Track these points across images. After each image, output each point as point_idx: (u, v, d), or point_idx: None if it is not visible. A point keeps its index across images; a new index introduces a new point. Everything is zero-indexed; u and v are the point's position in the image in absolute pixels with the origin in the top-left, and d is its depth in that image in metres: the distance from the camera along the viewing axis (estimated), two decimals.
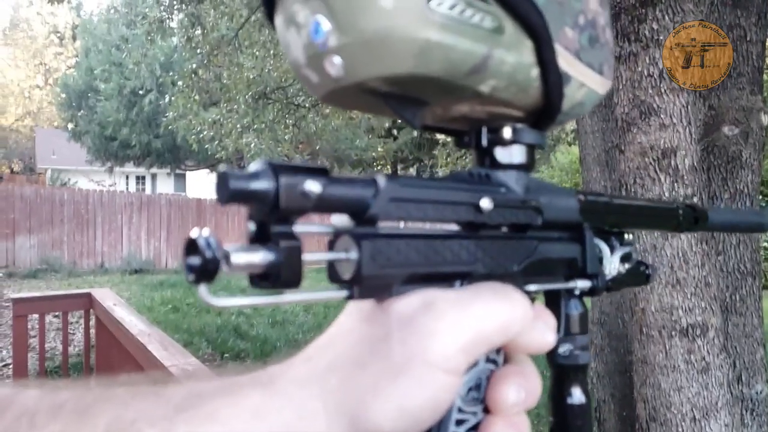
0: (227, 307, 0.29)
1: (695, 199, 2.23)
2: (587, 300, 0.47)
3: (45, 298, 4.32)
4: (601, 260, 0.47)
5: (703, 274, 2.24)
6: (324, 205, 0.31)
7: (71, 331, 5.39)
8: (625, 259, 0.49)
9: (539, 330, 0.38)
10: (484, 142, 0.42)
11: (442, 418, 0.34)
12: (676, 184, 2.20)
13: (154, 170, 23.67)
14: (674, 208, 0.58)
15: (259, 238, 0.30)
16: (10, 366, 4.86)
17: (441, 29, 0.32)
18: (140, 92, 18.59)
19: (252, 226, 0.31)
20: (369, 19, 0.32)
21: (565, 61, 0.38)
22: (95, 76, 19.41)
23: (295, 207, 0.29)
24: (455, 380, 0.33)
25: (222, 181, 0.28)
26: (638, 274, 0.52)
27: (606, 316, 3.56)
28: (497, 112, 0.40)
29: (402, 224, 0.34)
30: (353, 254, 0.31)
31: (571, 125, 8.26)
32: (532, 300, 0.42)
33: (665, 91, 2.18)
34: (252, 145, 9.14)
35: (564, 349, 0.44)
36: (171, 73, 10.59)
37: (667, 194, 2.20)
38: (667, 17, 2.19)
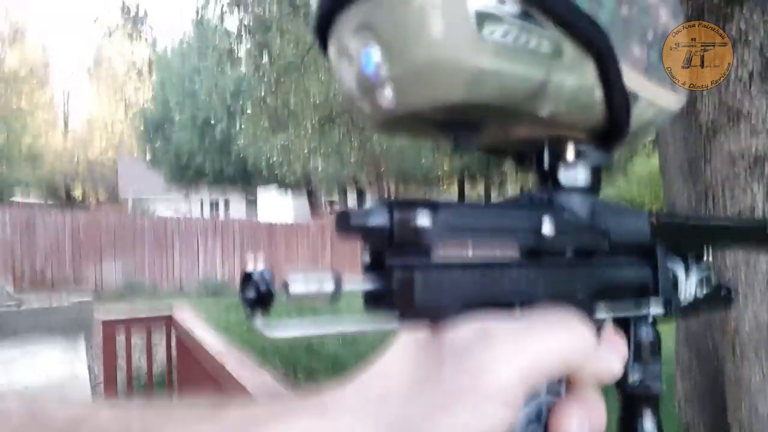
0: (281, 337, 0.30)
1: None
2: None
3: (130, 320, 4.54)
4: (675, 284, 0.45)
5: None
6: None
7: (154, 351, 5.63)
8: (703, 282, 0.47)
9: (604, 360, 0.36)
10: (546, 164, 0.40)
11: None
12: None
13: (227, 195, 24.55)
14: (762, 226, 0.53)
15: (374, 268, 0.32)
16: (101, 384, 5.12)
17: (494, 56, 0.31)
18: (212, 121, 19.42)
19: (366, 258, 0.32)
20: (420, 49, 0.31)
21: (631, 79, 0.36)
22: (170, 107, 20.47)
23: (408, 240, 0.31)
24: (511, 412, 0.31)
25: (343, 219, 0.30)
26: (718, 299, 0.49)
27: (693, 334, 3.37)
28: (558, 134, 0.39)
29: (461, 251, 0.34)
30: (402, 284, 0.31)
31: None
32: (602, 326, 0.40)
33: (756, 94, 2.05)
34: (319, 168, 9.33)
35: (634, 378, 0.42)
36: (240, 101, 11.00)
37: (760, 204, 2.07)
38: (755, 16, 2.06)
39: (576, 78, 0.34)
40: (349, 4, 0.33)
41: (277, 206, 26.60)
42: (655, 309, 0.43)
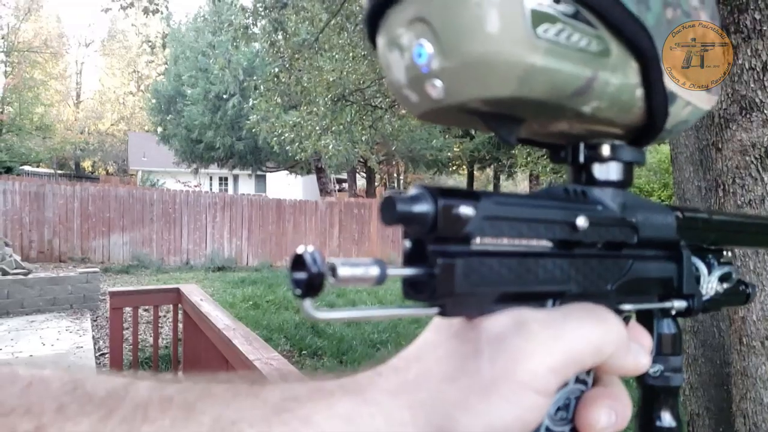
0: (329, 319, 0.31)
1: None
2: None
3: (138, 292, 4.58)
4: (698, 279, 0.46)
5: None
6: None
7: (160, 324, 5.69)
8: (724, 278, 0.47)
9: (633, 352, 0.37)
10: (582, 158, 0.42)
11: None
12: None
13: (236, 171, 24.61)
14: None
15: (415, 255, 0.32)
16: (107, 356, 5.19)
17: (546, 54, 0.32)
18: (224, 97, 19.41)
19: (408, 244, 0.33)
20: (474, 43, 0.32)
21: (671, 80, 0.38)
22: (183, 81, 20.44)
23: (450, 228, 0.31)
24: (545, 400, 0.33)
25: (388, 205, 0.31)
26: (737, 294, 0.50)
27: (700, 324, 3.37)
28: (597, 129, 0.40)
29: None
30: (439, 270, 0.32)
31: None
32: (627, 319, 0.41)
33: None
34: (330, 146, 9.32)
35: (655, 369, 0.43)
36: (254, 78, 10.97)
37: None
38: None
39: (620, 77, 0.36)
40: None
41: (286, 183, 26.63)
42: (679, 304, 0.44)
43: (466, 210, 0.31)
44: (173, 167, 24.68)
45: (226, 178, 30.25)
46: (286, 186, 26.65)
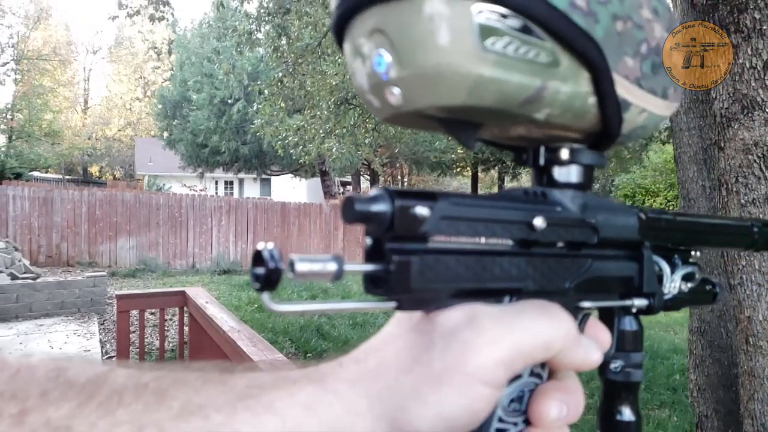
0: (286, 312, 0.33)
1: None
2: (686, 310, 0.45)
3: (145, 295, 4.60)
4: (661, 279, 0.47)
5: None
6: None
7: (166, 327, 5.70)
8: (687, 278, 0.49)
9: (583, 348, 0.38)
10: (542, 161, 0.43)
11: (482, 426, 0.35)
12: None
13: (241, 175, 24.67)
14: (748, 226, 0.55)
15: (374, 252, 0.34)
16: (114, 358, 5.21)
17: (494, 66, 0.34)
18: (229, 101, 19.47)
19: (368, 241, 0.35)
20: (427, 55, 0.34)
21: (624, 89, 0.38)
22: (188, 87, 20.53)
23: (407, 227, 0.33)
24: (494, 392, 0.34)
25: (348, 205, 0.32)
26: (703, 293, 0.51)
27: (707, 325, 3.35)
28: (555, 134, 0.41)
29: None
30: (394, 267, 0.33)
31: (665, 122, 7.84)
32: (587, 316, 0.43)
33: None
34: (334, 149, 9.33)
35: (615, 365, 0.45)
36: (258, 83, 11.01)
37: None
38: None
39: (571, 86, 0.37)
40: (364, 9, 0.36)
41: (291, 186, 26.67)
42: (639, 302, 0.45)
43: (422, 210, 0.33)
44: (179, 171, 24.77)
45: (231, 182, 30.33)
46: (291, 189, 26.70)
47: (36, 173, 26.92)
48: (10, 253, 8.39)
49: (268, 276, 0.30)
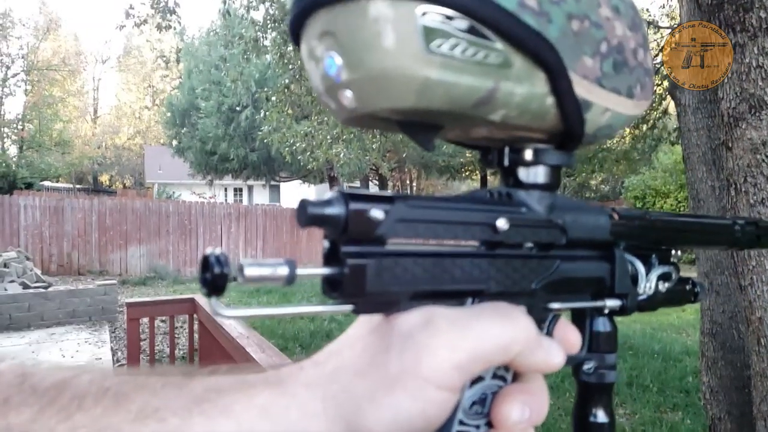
0: (234, 317, 0.33)
1: None
2: (693, 309, 0.44)
3: (155, 302, 4.62)
4: (636, 279, 0.47)
5: None
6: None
7: (176, 335, 5.73)
8: (664, 278, 0.48)
9: (544, 350, 0.37)
10: (506, 162, 0.42)
11: (442, 429, 0.35)
12: None
13: (250, 182, 24.76)
14: (729, 225, 0.55)
15: (331, 255, 0.34)
16: (125, 366, 5.23)
17: (441, 68, 0.33)
18: (237, 109, 19.56)
19: (326, 244, 0.34)
20: (374, 58, 0.33)
21: (583, 89, 0.38)
22: (197, 95, 20.65)
23: (361, 230, 0.32)
24: (450, 396, 0.34)
25: (301, 208, 0.32)
26: (682, 292, 0.50)
27: (719, 326, 3.32)
28: (518, 135, 0.40)
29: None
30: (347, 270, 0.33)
31: (673, 123, 7.77)
32: (557, 316, 0.42)
33: None
34: (341, 155, 9.35)
35: (588, 366, 0.44)
36: (265, 89, 11.07)
37: None
38: None
39: (526, 87, 0.36)
40: (314, 11, 0.35)
41: (300, 193, 26.73)
42: (612, 302, 0.45)
43: (376, 213, 0.33)
44: (188, 179, 24.91)
45: (240, 189, 30.46)
46: (300, 195, 26.65)
47: (47, 183, 27.15)
48: (22, 263, 8.46)
49: (214, 281, 0.30)
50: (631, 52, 0.40)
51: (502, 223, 0.37)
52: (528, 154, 0.42)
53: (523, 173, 0.42)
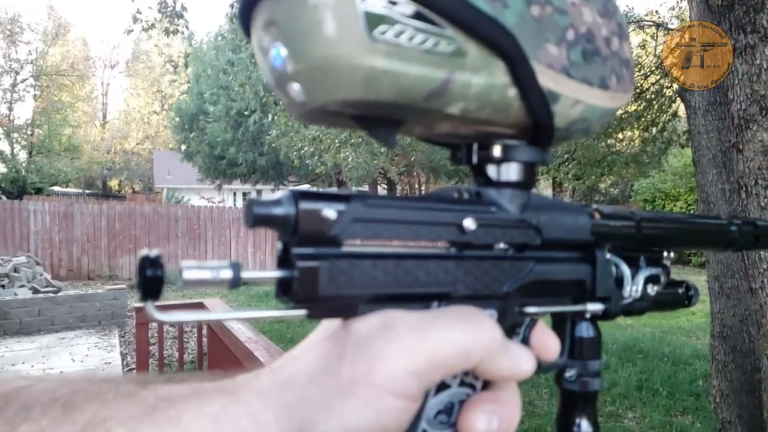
0: (170, 322, 0.32)
1: None
2: (703, 312, 0.43)
3: (163, 306, 4.63)
4: (620, 281, 0.44)
5: None
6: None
7: (185, 339, 5.74)
8: (652, 280, 0.45)
9: (511, 356, 0.35)
10: (475, 159, 0.40)
11: None
12: None
13: (259, 186, 24.84)
14: (724, 225, 0.52)
15: (284, 257, 0.32)
16: (134, 371, 5.25)
17: (387, 57, 0.31)
18: (245, 113, 19.63)
19: (279, 246, 0.33)
20: (316, 47, 0.31)
21: (548, 79, 0.35)
22: (205, 99, 20.75)
23: (313, 231, 0.31)
24: (408, 404, 0.32)
25: (248, 208, 0.31)
26: (673, 296, 0.48)
27: (729, 329, 3.29)
28: (484, 130, 0.38)
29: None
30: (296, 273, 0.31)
31: (683, 125, 7.73)
32: (534, 321, 0.40)
33: None
34: (350, 159, 9.36)
35: (570, 373, 0.42)
36: (273, 94, 11.12)
37: None
38: None
39: (484, 77, 0.34)
40: (260, 0, 0.34)
41: None
42: (593, 306, 0.42)
43: (329, 213, 0.31)
44: (197, 184, 25.01)
45: (249, 193, 30.58)
46: None
47: (56, 188, 27.37)
48: (32, 267, 8.52)
49: (148, 284, 0.29)
50: (604, 41, 0.38)
51: (469, 223, 0.35)
52: (497, 151, 0.39)
53: (493, 171, 0.40)
